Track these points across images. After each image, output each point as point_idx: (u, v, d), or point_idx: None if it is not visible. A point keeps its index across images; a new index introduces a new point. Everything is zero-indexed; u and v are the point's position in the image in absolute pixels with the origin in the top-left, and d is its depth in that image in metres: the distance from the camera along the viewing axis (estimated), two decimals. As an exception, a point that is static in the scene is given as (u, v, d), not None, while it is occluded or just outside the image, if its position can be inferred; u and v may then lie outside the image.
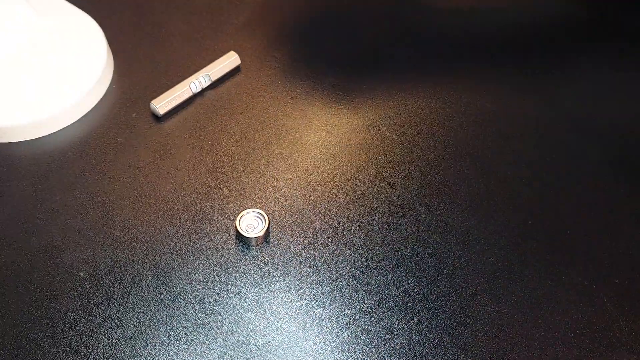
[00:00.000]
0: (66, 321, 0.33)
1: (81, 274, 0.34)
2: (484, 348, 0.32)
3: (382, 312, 0.34)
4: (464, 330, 0.33)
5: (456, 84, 0.45)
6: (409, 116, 0.42)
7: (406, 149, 0.41)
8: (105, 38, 0.44)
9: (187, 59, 0.45)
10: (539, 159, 0.40)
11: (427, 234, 0.37)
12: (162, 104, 0.41)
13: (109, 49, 0.44)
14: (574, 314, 0.34)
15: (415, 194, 0.38)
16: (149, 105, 0.42)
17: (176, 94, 0.42)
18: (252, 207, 0.37)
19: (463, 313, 0.34)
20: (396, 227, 0.37)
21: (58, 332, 0.32)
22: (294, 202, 0.38)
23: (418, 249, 0.36)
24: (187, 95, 0.42)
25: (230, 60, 0.44)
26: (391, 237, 0.36)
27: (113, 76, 0.44)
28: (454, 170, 0.40)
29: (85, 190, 0.38)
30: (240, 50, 0.45)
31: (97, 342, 0.32)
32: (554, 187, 0.39)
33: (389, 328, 0.33)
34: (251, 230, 0.35)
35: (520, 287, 0.35)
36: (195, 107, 0.43)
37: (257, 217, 0.36)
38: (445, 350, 0.32)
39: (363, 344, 0.32)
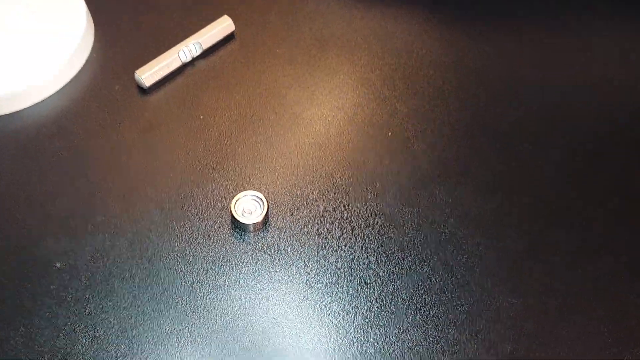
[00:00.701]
0: (42, 318, 0.29)
1: (58, 265, 0.31)
2: (508, 345, 0.29)
3: (394, 305, 0.30)
4: (486, 325, 0.30)
5: (472, 52, 0.41)
6: (421, 88, 0.39)
7: (418, 124, 0.37)
8: (85, 1, 0.40)
9: (175, 25, 0.41)
10: (566, 135, 0.37)
11: (442, 218, 0.33)
12: (148, 74, 0.37)
13: (89, 13, 0.40)
14: (608, 305, 0.30)
15: (429, 173, 0.35)
16: (133, 76, 0.38)
17: (164, 64, 0.38)
18: (248, 190, 0.33)
19: (484, 306, 0.30)
20: (408, 211, 0.33)
21: (33, 330, 0.29)
22: (295, 184, 0.34)
23: (433, 234, 0.33)
24: (175, 64, 0.38)
25: (223, 26, 0.40)
26: (403, 221, 0.33)
27: (94, 44, 0.40)
28: (472, 147, 0.36)
29: (62, 171, 0.34)
30: (235, 15, 0.41)
31: (76, 341, 0.29)
32: (582, 166, 0.35)
33: (402, 323, 0.30)
34: (248, 214, 0.32)
35: (547, 277, 0.31)
36: (184, 78, 0.39)
37: (255, 200, 0.32)
38: (465, 348, 0.29)
39: (373, 340, 0.29)
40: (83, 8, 0.39)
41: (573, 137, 0.37)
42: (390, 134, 0.37)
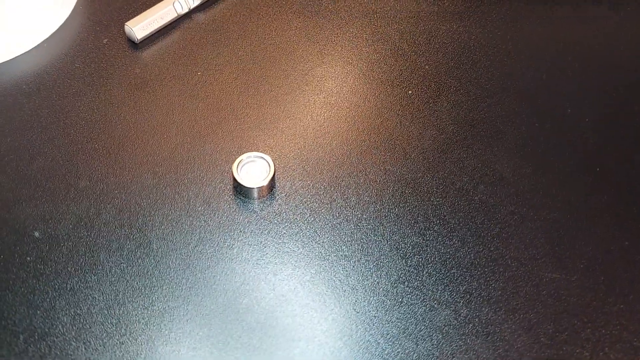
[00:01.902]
0: (17, 293, 0.25)
1: (36, 233, 0.27)
2: (549, 325, 0.26)
3: (418, 280, 0.27)
4: (523, 304, 0.26)
5: (501, 4, 0.37)
6: (445, 42, 0.35)
7: (442, 81, 0.33)
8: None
9: (170, -24, 0.37)
10: (605, 95, 0.33)
11: (471, 184, 0.29)
12: (140, 26, 0.33)
13: (74, -39, 0.36)
14: (661, 282, 0.27)
15: (455, 135, 0.31)
16: (123, 28, 0.34)
17: (157, 15, 0.34)
18: (252, 151, 0.29)
19: (521, 281, 0.27)
20: (432, 176, 0.30)
21: (6, 307, 0.25)
22: (304, 146, 0.30)
23: (461, 202, 0.29)
24: (170, 16, 0.34)
25: (223, -24, 0.36)
26: (427, 187, 0.29)
27: (79, -6, 0.36)
28: (502, 107, 0.32)
29: (43, 130, 0.30)
30: (236, -35, 0.37)
31: (56, 319, 0.25)
32: (624, 128, 0.32)
33: (429, 300, 0.26)
34: (252, 178, 0.28)
35: (590, 249, 0.28)
36: (181, 31, 0.35)
37: (260, 162, 0.29)
38: (500, 329, 0.25)
39: (396, 320, 0.25)
40: (67, -46, 0.35)
41: (612, 96, 0.33)
42: (410, 92, 0.33)
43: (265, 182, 0.28)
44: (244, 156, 0.29)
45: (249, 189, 0.28)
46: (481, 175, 0.30)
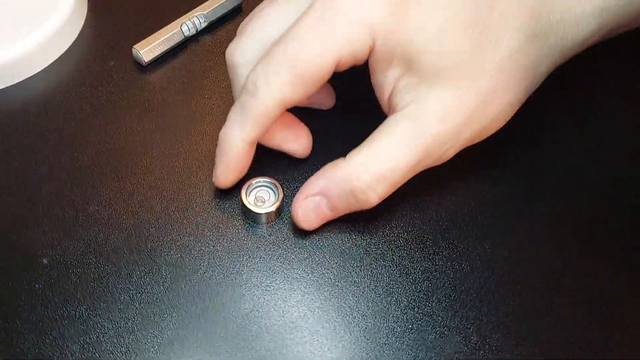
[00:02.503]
0: (25, 321, 0.25)
1: (45, 260, 0.27)
2: (560, 352, 0.25)
3: (428, 306, 0.26)
4: (534, 330, 0.26)
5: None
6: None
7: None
8: (77, -29, 0.36)
9: (177, -3, 0.37)
10: (618, 116, 0.33)
11: (480, 207, 0.29)
12: (147, 49, 0.33)
13: (82, -17, 0.37)
14: (672, 307, 0.27)
15: (462, 157, 0.31)
16: (130, 51, 0.34)
17: (164, 38, 0.34)
18: (261, 176, 0.29)
19: (532, 307, 0.27)
20: (440, 200, 0.30)
21: (15, 335, 0.25)
22: (313, 169, 0.30)
23: (469, 225, 0.29)
24: (178, 39, 0.34)
25: (230, -2, 0.36)
26: (435, 211, 0.29)
27: (87, 16, 0.36)
28: (507, 125, 0.32)
29: (51, 155, 0.30)
30: (243, -14, 0.38)
31: (65, 347, 0.25)
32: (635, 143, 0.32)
33: (439, 327, 0.26)
34: (261, 203, 0.28)
35: (604, 274, 0.28)
36: (188, 53, 0.35)
37: (269, 187, 0.29)
38: (511, 355, 0.25)
39: (407, 347, 0.25)
40: (75, -23, 0.36)
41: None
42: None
43: (273, 208, 0.28)
44: (252, 181, 0.29)
45: (258, 214, 0.28)
46: (489, 198, 0.30)
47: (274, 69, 0.24)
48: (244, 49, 0.27)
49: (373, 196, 0.26)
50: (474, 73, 0.25)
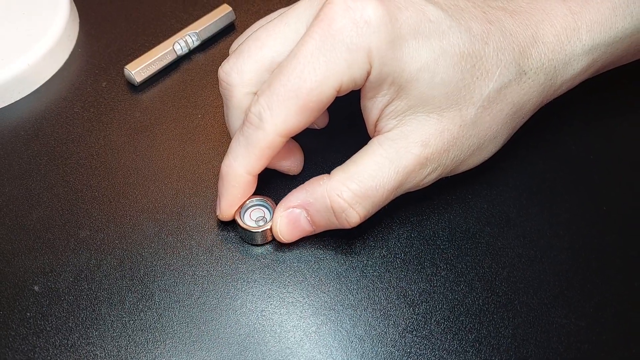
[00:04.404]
0: (17, 351, 0.25)
1: (36, 287, 0.27)
2: (562, 374, 0.25)
3: (427, 329, 0.26)
4: (534, 351, 0.26)
5: None
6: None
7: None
8: (68, -10, 0.36)
9: (170, 15, 0.37)
10: (611, 130, 0.33)
11: (478, 226, 0.29)
12: (139, 69, 0.33)
13: (72, 2, 0.36)
14: (674, 326, 0.26)
15: (460, 175, 0.30)
16: (122, 71, 0.34)
17: (157, 57, 0.34)
18: (254, 195, 0.29)
19: (530, 328, 0.26)
20: (438, 219, 0.29)
21: (4, 366, 0.24)
22: (307, 189, 0.30)
23: (467, 245, 0.28)
24: (170, 58, 0.34)
25: (222, 16, 0.36)
26: (432, 230, 0.29)
27: (78, 36, 0.36)
28: (505, 147, 0.32)
29: (42, 178, 0.30)
30: (235, 3, 0.37)
31: (56, 379, 0.24)
32: (633, 165, 0.31)
33: (438, 350, 0.25)
34: (256, 223, 0.28)
35: (600, 293, 0.27)
36: (180, 73, 0.34)
37: (262, 206, 0.28)
38: (512, 378, 0.25)
39: (405, 372, 0.25)
40: (65, -3, 0.35)
41: (617, 131, 0.33)
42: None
43: (268, 226, 0.28)
44: (247, 201, 0.28)
45: (253, 234, 0.28)
46: (487, 217, 0.29)
47: (277, 101, 0.24)
48: (242, 70, 0.26)
49: (353, 215, 0.26)
50: (461, 103, 0.25)
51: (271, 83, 0.24)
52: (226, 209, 0.27)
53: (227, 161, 0.26)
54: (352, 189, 0.25)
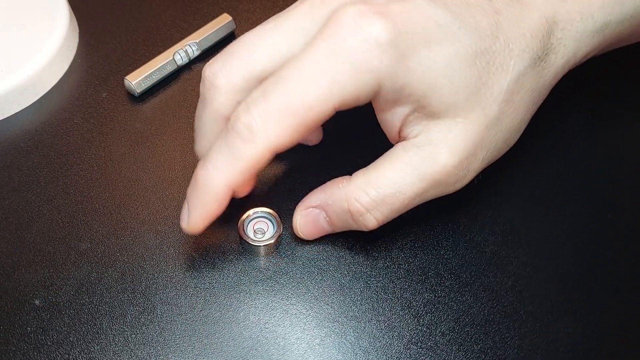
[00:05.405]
0: (16, 366, 0.25)
1: (36, 301, 0.26)
2: (569, 385, 0.25)
3: (432, 340, 0.26)
4: (542, 362, 0.25)
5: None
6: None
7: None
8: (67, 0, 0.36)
9: (170, 25, 0.37)
10: (616, 138, 0.32)
11: (482, 236, 0.29)
12: (140, 79, 0.33)
13: (72, 13, 0.36)
14: (682, 335, 0.26)
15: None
16: (122, 81, 0.34)
17: (157, 67, 0.33)
18: (258, 207, 0.28)
19: (537, 338, 0.26)
20: (442, 228, 0.29)
21: (5, 382, 0.24)
22: (310, 199, 0.30)
23: (471, 254, 0.28)
24: (170, 68, 0.34)
25: (222, 25, 0.36)
26: (436, 240, 0.29)
27: (78, 47, 0.36)
28: (509, 152, 0.31)
29: (42, 190, 0.30)
30: (235, 12, 0.37)
31: (58, 394, 0.24)
32: (638, 173, 0.31)
33: (444, 362, 0.25)
34: (260, 236, 0.28)
35: (606, 301, 0.27)
36: (181, 82, 0.34)
37: (266, 219, 0.28)
38: (519, 390, 0.25)
39: (411, 384, 0.25)
40: (65, 7, 0.35)
41: (619, 140, 0.32)
42: (415, 140, 0.32)
43: (272, 240, 0.27)
44: (250, 212, 0.28)
45: (256, 247, 0.27)
46: (492, 226, 0.29)
47: (273, 115, 0.22)
48: (231, 72, 0.24)
49: (370, 220, 0.25)
50: (483, 102, 0.24)
51: (267, 94, 0.23)
52: (196, 223, 0.25)
53: (206, 171, 0.24)
54: (371, 194, 0.25)
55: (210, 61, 0.25)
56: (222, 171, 0.23)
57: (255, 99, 0.23)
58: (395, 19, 0.22)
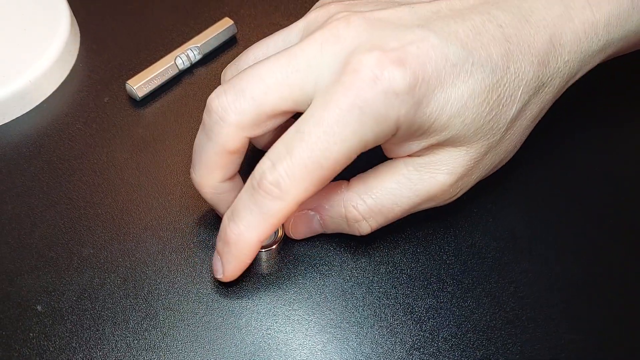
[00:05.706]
0: (19, 373, 0.25)
1: (39, 307, 0.26)
2: (571, 391, 0.25)
3: (434, 345, 0.26)
4: (544, 368, 0.25)
5: None
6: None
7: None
8: (68, 4, 0.36)
9: (171, 29, 0.37)
10: (617, 145, 0.32)
11: (483, 241, 0.29)
12: (141, 84, 0.33)
13: (73, 17, 0.36)
14: (683, 341, 0.26)
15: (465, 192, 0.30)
16: (124, 86, 0.34)
17: (158, 72, 0.33)
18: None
19: (538, 344, 0.26)
20: (444, 233, 0.29)
21: (7, 388, 0.24)
22: (312, 205, 0.30)
23: (473, 260, 0.28)
24: (172, 72, 0.34)
25: (224, 29, 0.36)
26: (438, 246, 0.29)
27: (79, 52, 0.36)
28: (509, 162, 0.32)
29: (44, 196, 0.30)
30: (237, 16, 0.37)
31: (60, 401, 0.24)
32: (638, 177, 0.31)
33: (446, 368, 0.25)
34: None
35: (608, 308, 0.27)
36: (182, 87, 0.34)
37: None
38: (521, 396, 0.25)
39: (413, 390, 0.25)
40: (66, 11, 0.35)
41: (619, 141, 0.33)
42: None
43: (274, 246, 0.27)
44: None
45: (258, 253, 0.27)
46: (493, 232, 0.29)
47: (299, 172, 0.22)
48: (243, 111, 0.23)
49: (365, 226, 0.26)
50: (489, 134, 0.25)
51: (292, 151, 0.22)
52: (233, 274, 0.25)
53: (237, 229, 0.24)
54: (368, 203, 0.25)
55: (218, 91, 0.24)
56: (254, 229, 0.24)
57: (280, 155, 0.23)
58: (412, 64, 0.22)
